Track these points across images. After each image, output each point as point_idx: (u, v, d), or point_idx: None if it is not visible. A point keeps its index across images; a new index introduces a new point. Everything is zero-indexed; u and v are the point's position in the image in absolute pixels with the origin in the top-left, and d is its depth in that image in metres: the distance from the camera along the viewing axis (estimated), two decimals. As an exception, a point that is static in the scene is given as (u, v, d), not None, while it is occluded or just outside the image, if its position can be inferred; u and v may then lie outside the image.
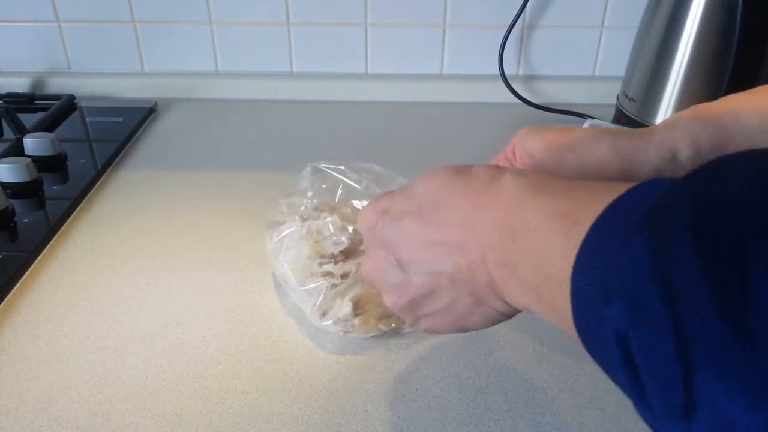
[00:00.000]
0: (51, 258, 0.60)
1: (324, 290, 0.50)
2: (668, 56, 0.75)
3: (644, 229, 0.22)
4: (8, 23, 0.93)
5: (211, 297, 0.56)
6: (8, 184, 0.68)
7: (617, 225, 0.23)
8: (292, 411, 0.45)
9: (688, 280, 0.19)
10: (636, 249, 0.21)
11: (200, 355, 0.50)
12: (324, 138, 0.85)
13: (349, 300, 0.50)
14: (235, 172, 0.76)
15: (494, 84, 0.91)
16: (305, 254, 0.52)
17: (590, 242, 0.24)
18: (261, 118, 0.90)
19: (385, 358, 0.50)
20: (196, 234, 0.64)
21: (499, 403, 0.46)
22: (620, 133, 0.42)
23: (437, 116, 0.90)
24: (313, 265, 0.52)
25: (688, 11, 0.72)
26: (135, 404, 0.45)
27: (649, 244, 0.21)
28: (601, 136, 0.41)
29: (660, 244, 0.21)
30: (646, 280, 0.21)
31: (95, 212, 0.68)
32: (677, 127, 0.41)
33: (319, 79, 0.95)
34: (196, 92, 0.95)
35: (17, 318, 0.53)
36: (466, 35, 0.93)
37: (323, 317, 0.50)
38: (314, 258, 0.52)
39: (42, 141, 0.74)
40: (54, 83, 0.95)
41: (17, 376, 0.48)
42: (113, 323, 0.53)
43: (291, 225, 0.54)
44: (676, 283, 0.20)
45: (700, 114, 0.41)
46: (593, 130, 0.43)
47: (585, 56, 0.94)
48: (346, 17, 0.92)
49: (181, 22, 0.92)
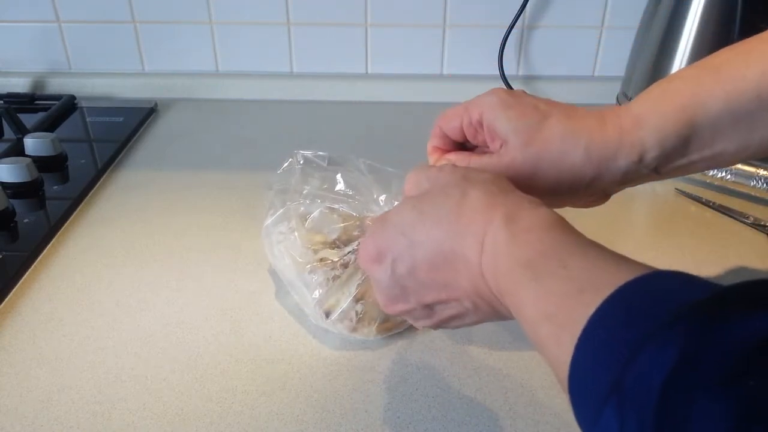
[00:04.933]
0: (51, 258, 0.60)
1: (324, 283, 0.50)
2: (668, 56, 0.75)
3: (613, 397, 0.23)
4: (8, 23, 0.93)
5: (211, 297, 0.56)
6: (8, 184, 0.68)
7: (598, 361, 0.25)
8: (292, 411, 0.45)
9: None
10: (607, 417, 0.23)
11: (200, 355, 0.50)
12: (324, 138, 0.85)
13: (353, 300, 0.49)
14: (235, 172, 0.76)
15: (494, 84, 0.90)
16: (299, 244, 0.52)
17: (578, 368, 0.26)
18: (261, 118, 0.90)
19: (385, 358, 0.50)
20: (196, 234, 0.64)
21: (499, 403, 0.46)
22: (591, 132, 0.40)
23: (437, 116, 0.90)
24: (308, 254, 0.51)
25: (688, 11, 0.72)
26: (135, 404, 0.45)
27: (615, 416, 0.23)
28: (574, 141, 0.40)
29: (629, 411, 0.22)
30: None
31: (95, 212, 0.68)
32: (645, 127, 0.40)
33: (319, 79, 0.95)
34: (196, 92, 0.95)
35: (17, 318, 0.53)
36: (466, 35, 0.93)
37: (326, 318, 0.50)
38: (308, 247, 0.52)
39: (42, 141, 0.74)
40: (54, 83, 0.95)
41: (17, 376, 0.48)
42: (113, 323, 0.53)
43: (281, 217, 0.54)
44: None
45: (666, 106, 0.39)
46: (565, 124, 0.41)
47: (585, 56, 0.94)
48: (346, 17, 0.92)
49: (181, 22, 0.92)
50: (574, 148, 0.40)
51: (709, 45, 0.72)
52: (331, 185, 0.56)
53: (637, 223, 0.68)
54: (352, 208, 0.54)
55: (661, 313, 0.23)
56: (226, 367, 0.49)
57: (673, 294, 0.25)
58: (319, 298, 0.50)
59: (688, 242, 0.64)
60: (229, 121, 0.89)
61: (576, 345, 0.26)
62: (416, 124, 0.88)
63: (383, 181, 0.55)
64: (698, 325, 0.22)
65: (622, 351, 0.23)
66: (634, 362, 0.23)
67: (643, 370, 0.22)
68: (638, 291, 0.26)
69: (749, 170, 0.69)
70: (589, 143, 0.40)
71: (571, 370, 0.26)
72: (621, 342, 0.24)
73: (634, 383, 0.22)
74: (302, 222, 0.53)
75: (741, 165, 0.70)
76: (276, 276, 0.56)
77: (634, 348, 0.23)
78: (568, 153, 0.40)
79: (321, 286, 0.50)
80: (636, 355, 0.23)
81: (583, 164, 0.40)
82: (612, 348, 0.24)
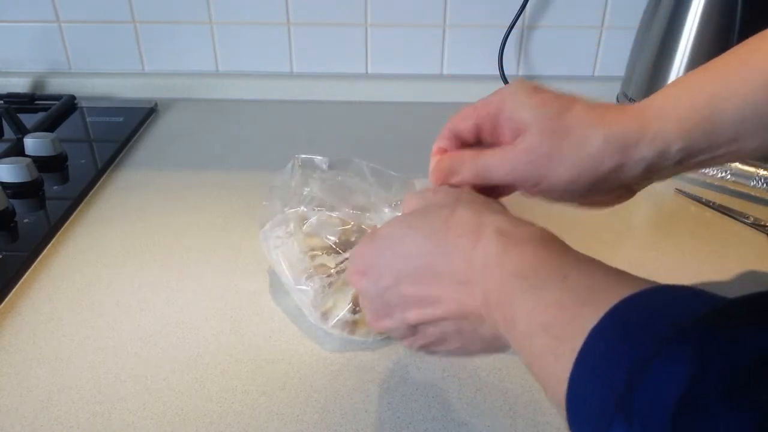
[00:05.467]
0: (51, 258, 0.60)
1: (319, 288, 0.50)
2: (668, 56, 0.75)
3: (620, 415, 0.22)
4: (8, 23, 0.93)
5: (211, 297, 0.56)
6: (9, 184, 0.68)
7: (599, 377, 0.24)
8: (292, 411, 0.45)
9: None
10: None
11: (200, 355, 0.50)
12: (324, 138, 0.85)
13: (349, 301, 0.50)
14: (235, 172, 0.76)
15: (494, 84, 0.91)
16: (296, 249, 0.52)
17: (578, 382, 0.25)
18: (261, 118, 0.90)
19: (385, 358, 0.50)
20: (196, 234, 0.64)
21: (499, 403, 0.46)
22: (611, 122, 0.39)
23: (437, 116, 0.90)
24: (305, 260, 0.52)
25: (688, 11, 0.72)
26: (135, 404, 0.45)
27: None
28: (593, 129, 0.39)
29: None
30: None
31: (95, 212, 0.68)
32: (668, 119, 0.39)
33: (319, 79, 0.95)
34: (196, 92, 0.95)
35: (17, 318, 0.53)
36: (466, 35, 0.93)
37: (324, 321, 0.50)
38: (306, 252, 0.52)
39: (42, 141, 0.74)
40: (54, 83, 0.95)
41: (17, 376, 0.48)
42: (113, 323, 0.53)
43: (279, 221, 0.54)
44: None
45: (688, 100, 0.39)
46: (587, 113, 0.40)
47: (585, 56, 0.94)
48: (346, 17, 0.92)
49: (181, 22, 0.92)
50: (593, 136, 0.39)
51: (709, 45, 0.72)
52: (331, 189, 0.56)
53: (637, 223, 0.68)
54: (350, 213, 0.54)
55: (664, 328, 0.23)
56: (226, 367, 0.49)
57: (675, 308, 0.24)
58: (316, 304, 0.50)
59: (688, 242, 0.64)
60: (229, 121, 0.89)
61: (576, 359, 0.25)
62: (416, 124, 0.88)
63: (385, 184, 0.55)
64: (706, 339, 0.21)
65: (626, 366, 0.23)
66: (642, 379, 0.22)
67: (654, 387, 0.22)
68: (641, 304, 0.25)
69: (749, 170, 0.69)
70: (608, 132, 0.39)
71: (570, 385, 0.25)
72: (624, 357, 0.23)
73: (645, 400, 0.22)
74: (300, 226, 0.53)
75: (741, 165, 0.70)
76: (276, 276, 0.56)
77: (639, 364, 0.22)
78: (586, 141, 0.39)
79: (318, 293, 0.50)
80: (643, 372, 0.22)
81: (601, 153, 0.39)
82: (616, 363, 0.23)
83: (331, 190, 0.56)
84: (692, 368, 0.21)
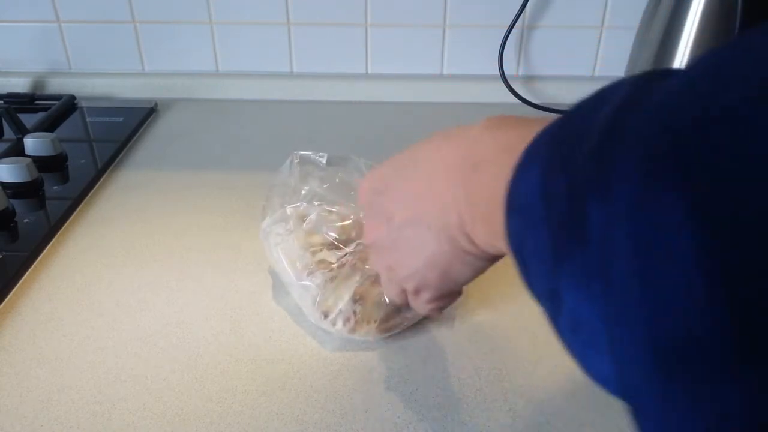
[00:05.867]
0: (51, 258, 0.60)
1: (321, 283, 0.50)
2: (668, 56, 0.75)
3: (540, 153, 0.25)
4: (8, 23, 0.93)
5: (211, 297, 0.56)
6: (8, 184, 0.68)
7: (537, 149, 0.26)
8: (292, 411, 0.45)
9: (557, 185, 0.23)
10: (533, 170, 0.25)
11: (200, 355, 0.50)
12: (324, 138, 0.85)
13: (351, 299, 0.49)
14: (235, 172, 0.76)
15: (494, 84, 0.91)
16: (297, 246, 0.52)
17: (519, 168, 0.27)
18: (261, 118, 0.90)
19: (385, 358, 0.50)
20: (196, 234, 0.64)
21: (499, 403, 0.46)
22: None
23: (437, 116, 0.90)
24: (306, 256, 0.51)
25: (688, 11, 0.72)
26: (135, 404, 0.45)
27: (540, 166, 0.25)
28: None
29: (550, 166, 0.24)
30: (536, 195, 0.24)
31: (95, 212, 0.68)
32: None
33: (319, 79, 0.95)
34: (196, 92, 0.95)
35: (17, 318, 0.53)
36: (466, 35, 0.93)
37: (324, 319, 0.50)
38: (306, 248, 0.52)
39: (42, 141, 0.74)
40: (54, 83, 0.95)
41: (17, 376, 0.48)
42: (113, 323, 0.53)
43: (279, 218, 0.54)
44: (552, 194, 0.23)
45: None
46: None
47: (585, 56, 0.94)
48: (346, 17, 0.92)
49: (181, 22, 0.92)
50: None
51: (708, 45, 0.72)
52: (330, 185, 0.56)
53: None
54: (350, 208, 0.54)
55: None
56: (226, 367, 0.49)
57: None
58: (318, 300, 0.50)
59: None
60: (229, 121, 0.89)
61: (524, 150, 0.27)
62: (416, 124, 0.88)
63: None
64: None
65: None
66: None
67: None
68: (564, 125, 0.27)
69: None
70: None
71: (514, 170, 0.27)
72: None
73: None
74: (300, 223, 0.53)
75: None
76: (276, 276, 0.56)
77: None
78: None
79: (319, 289, 0.50)
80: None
81: None
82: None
83: (330, 188, 0.56)
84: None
